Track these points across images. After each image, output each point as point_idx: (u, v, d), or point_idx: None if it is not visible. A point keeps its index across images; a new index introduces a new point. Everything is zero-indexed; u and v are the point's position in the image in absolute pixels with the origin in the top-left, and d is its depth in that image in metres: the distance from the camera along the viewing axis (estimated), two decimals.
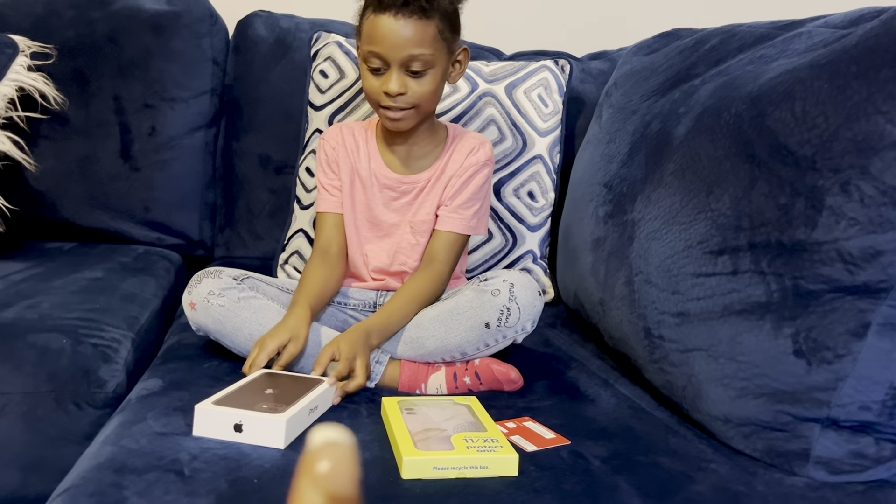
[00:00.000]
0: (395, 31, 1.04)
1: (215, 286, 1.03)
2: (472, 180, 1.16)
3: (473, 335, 1.00)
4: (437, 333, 1.01)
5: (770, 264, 0.81)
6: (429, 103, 1.11)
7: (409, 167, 1.18)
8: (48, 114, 1.48)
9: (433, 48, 1.06)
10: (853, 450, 0.79)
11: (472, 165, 1.16)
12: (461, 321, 1.00)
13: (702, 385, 0.89)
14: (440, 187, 1.17)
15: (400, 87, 1.06)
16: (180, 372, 0.99)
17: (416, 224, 1.17)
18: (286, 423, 0.80)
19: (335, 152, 1.20)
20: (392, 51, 1.05)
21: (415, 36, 1.04)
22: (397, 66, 1.06)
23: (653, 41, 1.35)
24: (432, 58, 1.06)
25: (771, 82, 0.88)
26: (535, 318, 1.02)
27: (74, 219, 1.53)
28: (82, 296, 1.16)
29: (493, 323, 0.99)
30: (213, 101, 1.60)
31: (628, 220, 1.07)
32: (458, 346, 1.01)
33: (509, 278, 1.02)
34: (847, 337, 0.76)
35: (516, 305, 0.99)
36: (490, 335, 1.00)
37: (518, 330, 1.00)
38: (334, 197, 1.19)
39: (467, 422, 0.85)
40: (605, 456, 0.83)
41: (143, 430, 0.81)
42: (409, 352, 1.03)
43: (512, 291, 0.99)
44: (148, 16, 1.55)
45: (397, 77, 1.06)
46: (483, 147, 1.18)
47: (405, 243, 1.18)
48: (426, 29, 1.05)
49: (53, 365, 0.97)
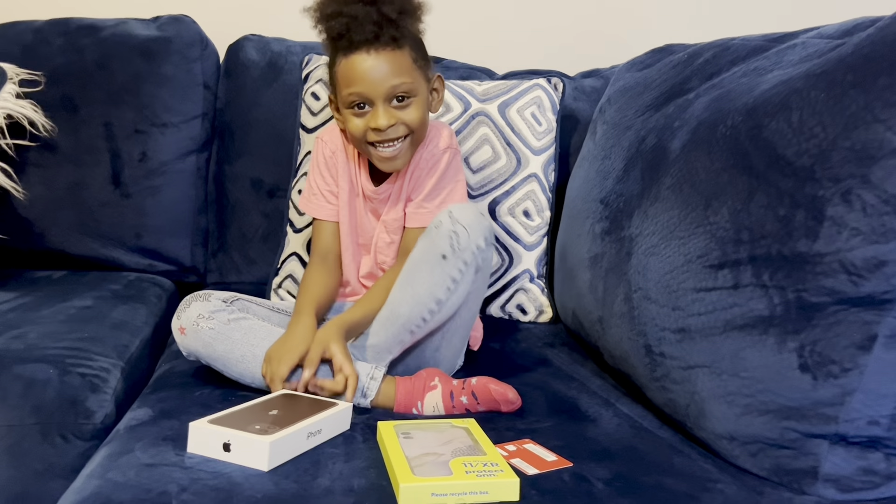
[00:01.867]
0: (373, 66, 1.05)
1: (204, 309, 1.01)
2: (433, 171, 1.16)
3: (436, 274, 1.00)
4: (405, 294, 1.01)
5: (772, 277, 0.80)
6: (420, 130, 1.11)
7: (385, 176, 1.18)
8: (37, 141, 1.46)
9: (412, 76, 1.07)
10: (863, 466, 0.77)
11: (431, 157, 1.16)
12: (420, 267, 1.01)
13: (705, 402, 0.87)
14: (405, 182, 1.17)
15: (389, 120, 1.06)
16: (171, 401, 0.97)
17: (388, 223, 1.18)
18: (270, 446, 0.78)
19: (334, 157, 1.19)
20: (374, 87, 1.05)
21: (392, 67, 1.05)
22: (382, 100, 1.06)
23: (646, 57, 1.35)
24: (413, 86, 1.07)
25: (766, 93, 0.87)
26: (486, 235, 1.02)
27: (64, 247, 1.51)
28: (71, 325, 1.14)
29: (447, 252, 0.99)
30: (204, 125, 1.59)
31: (626, 236, 1.06)
32: (429, 292, 1.00)
33: (447, 208, 1.02)
34: (853, 350, 0.74)
35: (461, 226, 0.99)
36: (451, 266, 0.99)
37: (473, 250, 1.00)
38: (331, 205, 1.19)
39: (466, 445, 0.83)
40: (609, 478, 0.80)
41: (130, 462, 0.79)
42: (390, 329, 1.02)
43: (452, 216, 1.00)
44: (138, 41, 1.54)
45: (384, 111, 1.07)
46: (440, 134, 1.17)
47: (381, 242, 1.19)
48: (402, 58, 1.06)
49: (39, 396, 0.94)
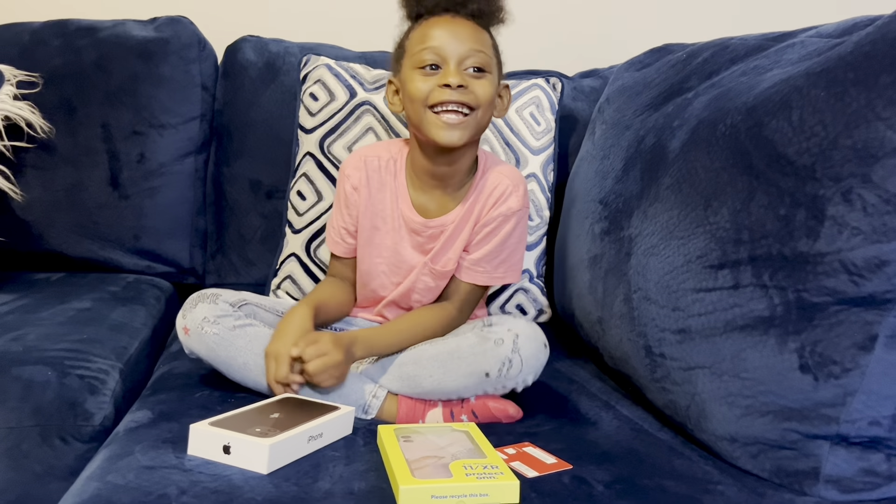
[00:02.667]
0: (456, 27, 1.02)
1: (210, 313, 0.99)
2: (499, 231, 1.09)
3: (472, 381, 0.96)
4: (435, 374, 0.98)
5: (772, 277, 0.79)
6: (485, 112, 1.03)
7: (436, 206, 1.11)
8: (35, 143, 1.46)
9: (490, 54, 1.04)
10: (864, 467, 0.77)
11: (500, 215, 1.08)
12: (461, 366, 0.96)
13: (706, 404, 0.87)
14: (466, 232, 1.09)
15: (461, 79, 0.99)
16: (170, 402, 0.97)
17: (437, 270, 1.11)
18: (269, 449, 0.77)
19: (356, 193, 1.12)
20: (452, 45, 1.01)
21: (475, 35, 1.02)
22: (455, 61, 1.01)
23: (644, 56, 1.34)
24: (490, 62, 1.03)
25: (766, 92, 0.86)
26: (537, 371, 0.98)
27: (62, 249, 1.50)
28: (69, 327, 1.13)
29: (493, 373, 0.95)
30: (202, 126, 1.59)
31: (625, 237, 1.05)
32: (456, 390, 0.98)
33: (514, 328, 0.96)
34: (854, 350, 0.74)
35: (519, 357, 0.95)
36: (489, 383, 0.96)
37: (518, 381, 0.96)
38: (347, 244, 1.16)
39: (466, 448, 0.83)
40: (609, 480, 0.80)
41: (130, 465, 0.78)
42: (405, 389, 1.00)
43: (516, 343, 0.95)
44: (136, 42, 1.54)
45: (457, 70, 1.00)
46: (516, 191, 1.08)
47: (422, 285, 1.12)
48: (484, 35, 1.04)
49: (38, 398, 0.94)
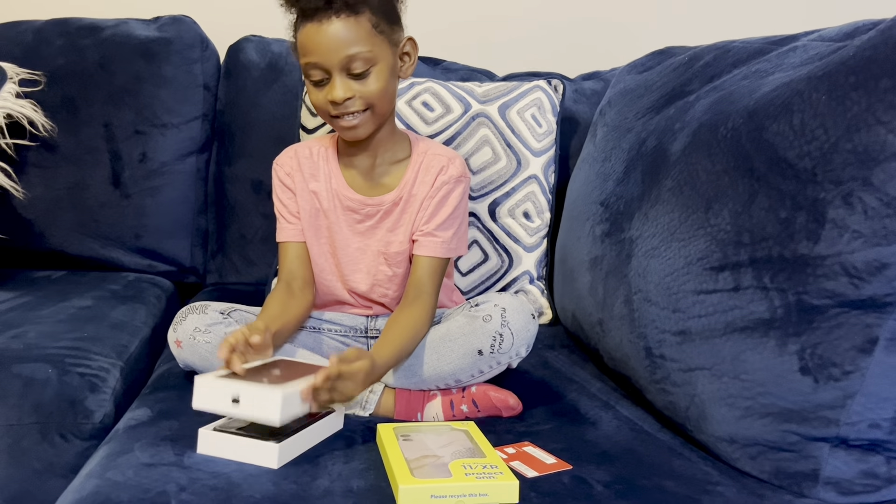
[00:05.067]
0: (326, 35, 0.98)
1: (201, 322, 0.99)
2: (446, 200, 1.10)
3: (466, 362, 0.97)
4: (430, 361, 0.98)
5: (773, 280, 0.79)
6: (382, 103, 1.03)
7: (372, 187, 1.11)
8: (37, 141, 1.46)
9: (371, 44, 0.99)
10: (864, 469, 0.77)
11: (444, 184, 1.09)
12: (453, 348, 0.97)
13: (705, 405, 0.87)
14: (411, 213, 1.10)
15: (345, 92, 0.99)
16: (170, 401, 0.97)
17: (389, 256, 1.11)
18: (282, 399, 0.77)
19: (290, 178, 1.13)
20: (327, 57, 0.98)
21: (347, 36, 0.98)
22: (337, 70, 0.99)
23: (646, 59, 1.34)
24: (372, 54, 0.99)
25: (768, 96, 0.87)
26: (529, 343, 0.99)
27: (64, 247, 1.50)
28: (70, 324, 1.14)
29: (485, 350, 0.96)
30: (204, 126, 1.59)
31: (626, 238, 1.06)
32: (452, 373, 0.98)
33: (501, 303, 0.98)
34: (854, 353, 0.74)
35: (509, 331, 0.96)
36: (484, 362, 0.97)
37: (512, 355, 0.98)
38: (292, 224, 1.13)
39: (465, 448, 0.83)
40: (608, 480, 0.80)
41: (129, 462, 0.79)
42: (403, 380, 1.00)
43: (504, 316, 0.96)
44: (138, 42, 1.54)
45: (340, 82, 0.99)
46: (453, 163, 1.11)
47: (381, 275, 1.12)
48: (358, 26, 0.98)
49: (38, 395, 0.94)
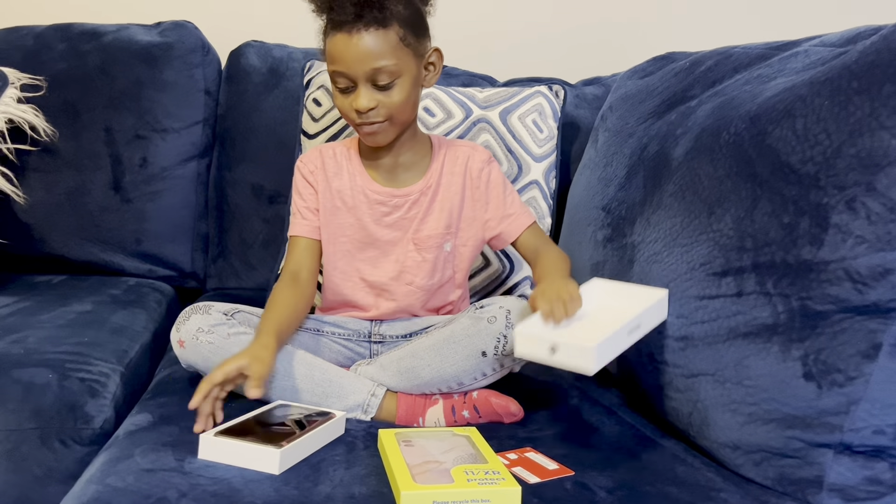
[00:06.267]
0: (355, 46, 1.00)
1: (204, 323, 1.00)
2: (492, 180, 1.15)
3: (470, 364, 0.97)
4: (433, 363, 0.98)
5: (776, 285, 0.79)
6: (403, 113, 1.07)
7: (397, 180, 1.14)
8: (38, 146, 1.46)
9: (397, 57, 1.02)
10: (868, 476, 0.76)
11: (480, 170, 1.15)
12: (457, 350, 0.98)
13: (708, 411, 0.86)
14: (442, 201, 1.13)
15: (369, 103, 1.03)
16: (170, 406, 0.96)
17: (420, 240, 1.13)
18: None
19: (313, 176, 1.16)
20: (354, 67, 1.01)
21: (375, 48, 1.01)
22: (363, 81, 1.02)
23: (647, 65, 1.34)
24: (397, 67, 1.02)
25: (770, 101, 0.87)
26: None
27: (64, 252, 1.50)
28: (70, 329, 1.13)
29: (489, 351, 0.96)
30: (205, 131, 1.59)
31: (628, 244, 1.05)
32: (455, 375, 0.98)
33: (506, 305, 0.99)
34: (858, 358, 0.74)
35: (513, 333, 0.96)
36: (487, 364, 0.97)
37: (515, 357, 0.97)
38: (307, 220, 1.15)
39: (467, 453, 0.82)
40: (611, 486, 0.80)
41: (129, 468, 0.78)
42: (405, 382, 1.00)
43: (509, 318, 0.97)
44: (140, 47, 1.54)
45: (365, 93, 1.03)
46: (476, 150, 1.17)
47: (410, 261, 1.13)
48: (386, 39, 1.01)
49: (38, 401, 0.94)
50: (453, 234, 1.14)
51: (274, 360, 0.93)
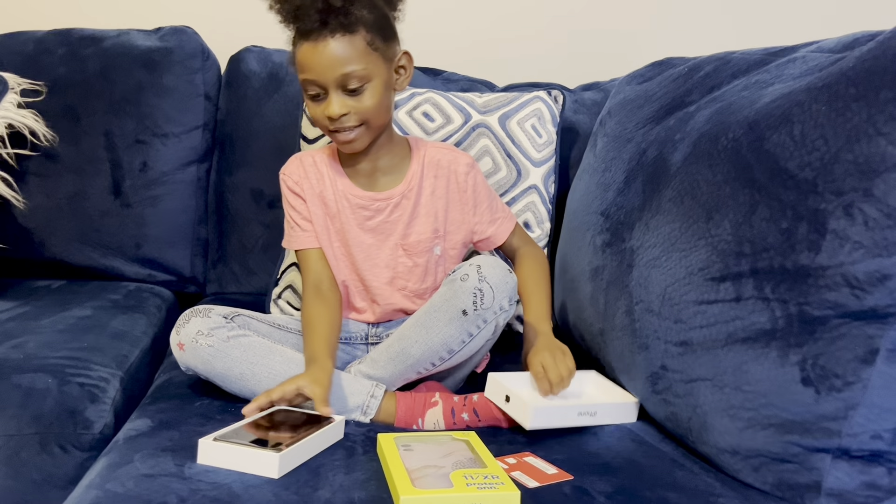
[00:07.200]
0: (322, 53, 1.01)
1: (204, 326, 1.00)
2: (477, 185, 1.18)
3: (454, 327, 0.99)
4: (420, 337, 1.00)
5: (774, 290, 0.79)
6: (377, 118, 1.08)
7: (377, 184, 1.16)
8: (38, 151, 1.47)
9: (365, 62, 1.03)
10: (866, 481, 0.77)
11: (466, 175, 1.17)
12: (439, 316, 0.99)
13: (707, 416, 0.86)
14: (426, 204, 1.15)
15: (341, 109, 1.04)
16: (170, 411, 0.97)
17: (409, 246, 1.15)
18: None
19: (299, 186, 1.17)
20: (323, 74, 1.02)
21: (342, 54, 1.01)
22: (333, 87, 1.03)
23: (646, 70, 1.35)
24: (366, 71, 1.03)
25: (768, 107, 0.87)
26: (511, 296, 1.01)
27: (64, 256, 1.50)
28: (70, 334, 1.14)
29: (469, 308, 0.98)
30: (205, 136, 1.59)
31: (627, 249, 1.06)
32: (443, 342, 0.99)
33: (475, 261, 1.01)
34: (856, 364, 0.74)
35: (488, 285, 0.98)
36: (470, 322, 0.98)
37: (496, 310, 0.99)
38: (306, 232, 1.16)
39: (466, 458, 0.83)
40: (610, 491, 0.80)
41: (129, 473, 0.78)
42: (399, 366, 1.01)
43: (480, 272, 0.99)
44: (140, 52, 1.55)
45: (336, 99, 1.04)
46: (458, 154, 1.19)
47: (401, 267, 1.15)
48: (353, 44, 1.02)
49: (38, 406, 0.94)
50: (441, 237, 1.15)
51: (331, 382, 0.96)
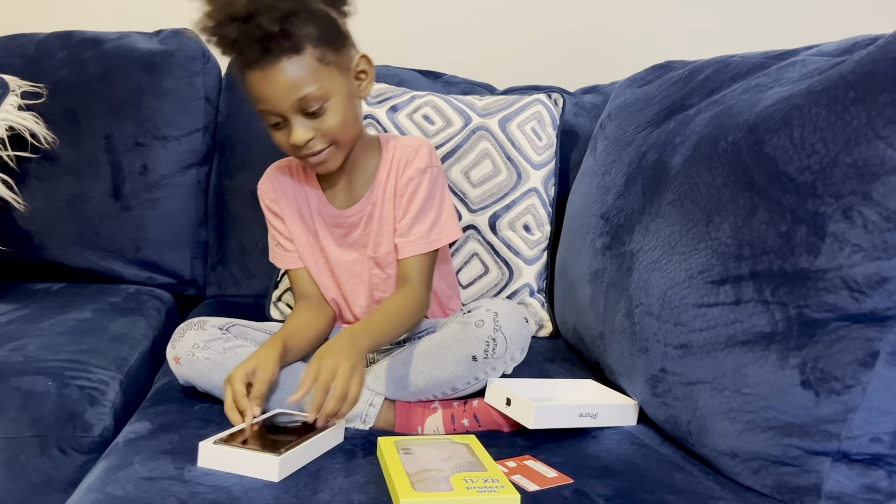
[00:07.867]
0: (273, 82, 0.95)
1: (199, 339, 0.99)
2: (415, 195, 1.09)
3: (461, 369, 0.97)
4: (425, 370, 0.98)
5: (773, 293, 0.80)
6: (345, 134, 1.02)
7: (354, 196, 1.12)
8: (38, 153, 1.47)
9: (319, 80, 0.97)
10: (865, 484, 0.77)
11: (410, 179, 1.08)
12: (447, 355, 0.97)
13: (707, 419, 0.86)
14: (389, 210, 1.10)
15: (305, 135, 0.98)
16: (170, 414, 0.96)
17: (379, 258, 1.12)
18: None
19: (276, 204, 1.14)
20: (279, 103, 0.97)
21: (294, 78, 0.95)
22: (292, 113, 0.98)
23: (646, 73, 1.35)
24: (323, 90, 0.97)
25: (767, 110, 0.87)
26: (523, 347, 0.99)
27: (64, 259, 1.50)
28: (69, 337, 1.13)
29: (479, 355, 0.96)
30: (205, 138, 1.59)
31: (626, 252, 1.06)
32: (447, 380, 0.98)
33: (493, 307, 0.98)
34: (855, 367, 0.74)
35: (502, 335, 0.96)
36: (478, 368, 0.97)
37: (507, 360, 0.98)
38: (289, 252, 1.15)
39: (466, 461, 0.83)
40: (610, 494, 0.80)
41: (129, 476, 0.78)
42: (400, 390, 1.00)
43: (496, 321, 0.96)
44: (140, 55, 1.55)
45: (298, 125, 0.98)
46: (418, 153, 1.09)
47: (376, 279, 1.14)
48: (302, 65, 0.95)
49: (38, 409, 0.94)
50: None
51: (277, 361, 0.95)
